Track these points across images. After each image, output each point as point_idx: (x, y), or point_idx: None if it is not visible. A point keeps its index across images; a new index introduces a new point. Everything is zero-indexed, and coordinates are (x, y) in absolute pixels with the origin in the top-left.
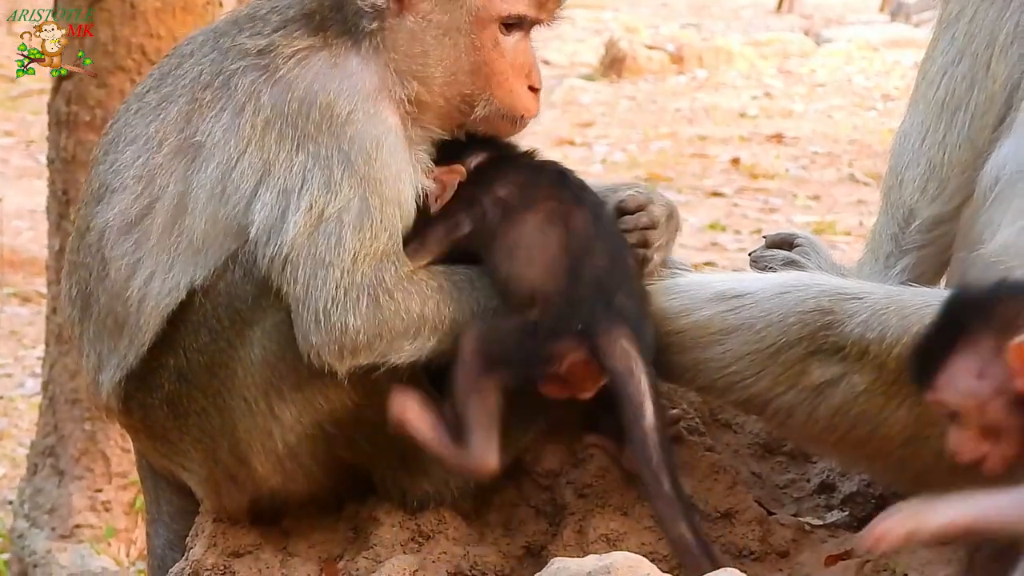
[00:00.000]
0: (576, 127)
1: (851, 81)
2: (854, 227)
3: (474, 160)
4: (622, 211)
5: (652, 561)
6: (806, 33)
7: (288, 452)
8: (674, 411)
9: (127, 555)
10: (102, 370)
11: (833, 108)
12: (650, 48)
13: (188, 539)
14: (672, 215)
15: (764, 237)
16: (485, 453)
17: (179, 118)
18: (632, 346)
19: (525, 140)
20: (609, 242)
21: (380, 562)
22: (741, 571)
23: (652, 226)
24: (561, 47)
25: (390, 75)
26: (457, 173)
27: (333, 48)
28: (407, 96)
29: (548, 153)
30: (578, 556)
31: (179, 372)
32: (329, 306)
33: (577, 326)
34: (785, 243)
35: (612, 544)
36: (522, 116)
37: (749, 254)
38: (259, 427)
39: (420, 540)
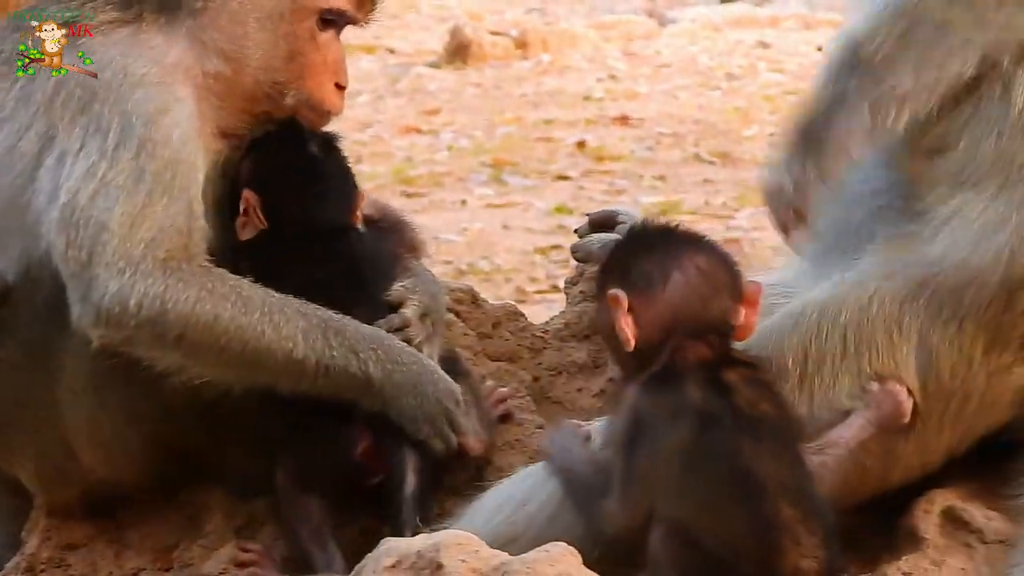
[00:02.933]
0: (422, 115)
1: (695, 61)
2: (700, 206)
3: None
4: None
5: None
6: (650, 15)
7: (116, 441)
8: (503, 389)
9: None
10: None
11: (678, 88)
12: (494, 34)
13: (23, 534)
14: (427, 313)
15: (586, 215)
16: (330, 568)
17: None
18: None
19: (373, 129)
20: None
21: (214, 550)
22: None
23: (405, 325)
24: (407, 35)
25: (202, 53)
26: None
27: (143, 23)
28: (214, 74)
29: (394, 143)
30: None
31: (9, 365)
32: (106, 274)
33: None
34: (608, 221)
35: (448, 524)
36: (328, 111)
37: (575, 231)
38: (86, 417)
39: (255, 526)
